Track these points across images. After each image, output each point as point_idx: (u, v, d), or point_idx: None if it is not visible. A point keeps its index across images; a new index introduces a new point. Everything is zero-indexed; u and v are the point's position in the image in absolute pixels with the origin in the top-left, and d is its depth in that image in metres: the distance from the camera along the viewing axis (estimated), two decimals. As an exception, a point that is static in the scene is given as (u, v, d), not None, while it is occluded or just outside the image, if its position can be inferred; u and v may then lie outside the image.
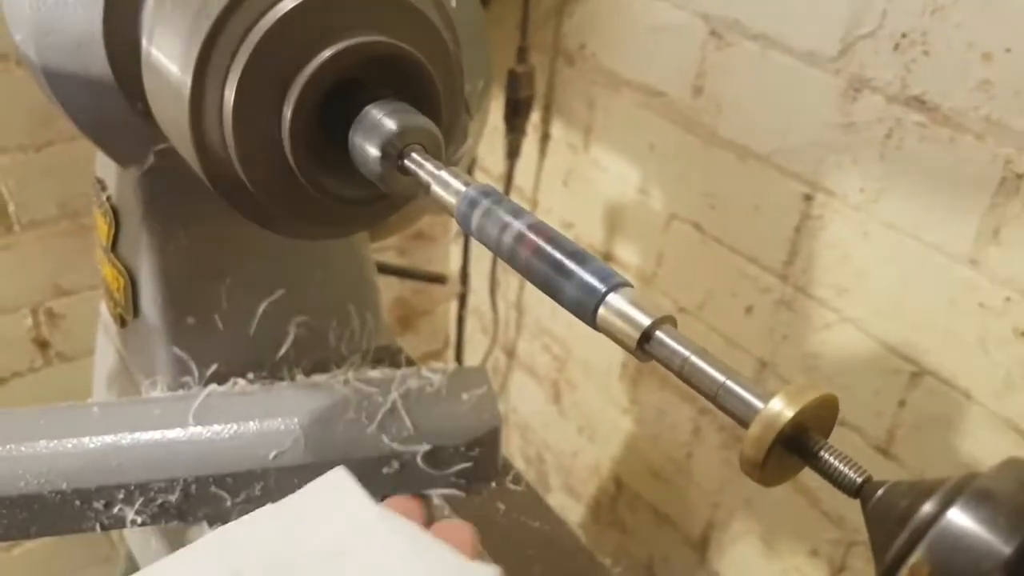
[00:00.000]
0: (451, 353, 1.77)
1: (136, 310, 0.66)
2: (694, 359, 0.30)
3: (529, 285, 0.37)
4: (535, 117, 1.30)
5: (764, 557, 1.15)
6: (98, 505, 0.58)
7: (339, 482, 0.38)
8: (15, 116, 1.11)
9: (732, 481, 1.18)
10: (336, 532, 0.35)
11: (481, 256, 1.52)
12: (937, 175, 0.83)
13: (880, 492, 0.27)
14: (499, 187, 1.29)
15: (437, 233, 1.65)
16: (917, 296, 0.88)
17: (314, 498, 0.38)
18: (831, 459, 0.28)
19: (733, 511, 1.19)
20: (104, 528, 0.58)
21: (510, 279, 1.51)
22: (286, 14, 0.45)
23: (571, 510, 1.51)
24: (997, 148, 0.77)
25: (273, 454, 0.59)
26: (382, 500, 0.55)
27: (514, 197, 1.33)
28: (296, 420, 0.60)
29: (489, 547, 0.87)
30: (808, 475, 0.29)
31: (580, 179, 1.29)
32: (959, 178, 0.81)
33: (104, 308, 0.75)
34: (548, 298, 0.36)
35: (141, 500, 0.58)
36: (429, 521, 0.37)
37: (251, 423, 0.60)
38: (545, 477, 1.59)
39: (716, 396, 0.29)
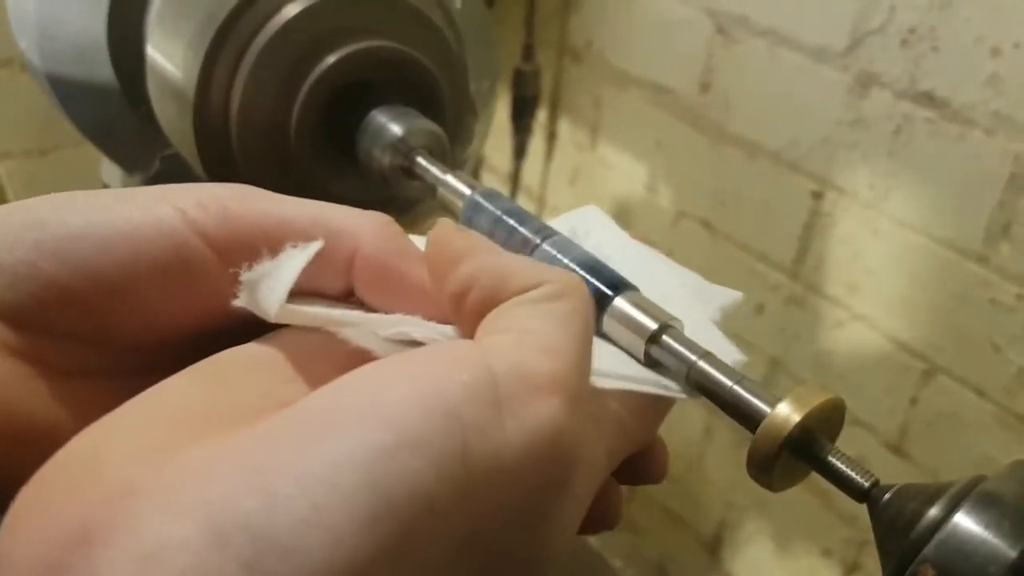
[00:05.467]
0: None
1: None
2: (701, 363, 0.30)
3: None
4: (542, 116, 1.30)
5: (777, 557, 1.15)
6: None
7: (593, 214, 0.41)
8: (21, 121, 1.12)
9: (744, 481, 1.17)
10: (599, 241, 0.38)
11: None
12: (947, 171, 0.82)
13: (887, 496, 0.27)
14: (506, 186, 1.28)
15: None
16: (928, 293, 0.88)
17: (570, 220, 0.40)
18: (839, 463, 0.27)
19: (745, 511, 1.19)
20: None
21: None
22: (290, 20, 0.45)
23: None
24: (1007, 143, 0.77)
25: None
26: None
27: (521, 196, 1.33)
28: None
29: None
30: (819, 476, 0.29)
31: (587, 177, 1.29)
32: (969, 174, 0.81)
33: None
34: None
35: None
36: None
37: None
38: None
39: (723, 401, 0.29)
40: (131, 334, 0.25)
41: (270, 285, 0.23)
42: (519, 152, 1.27)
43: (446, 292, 0.25)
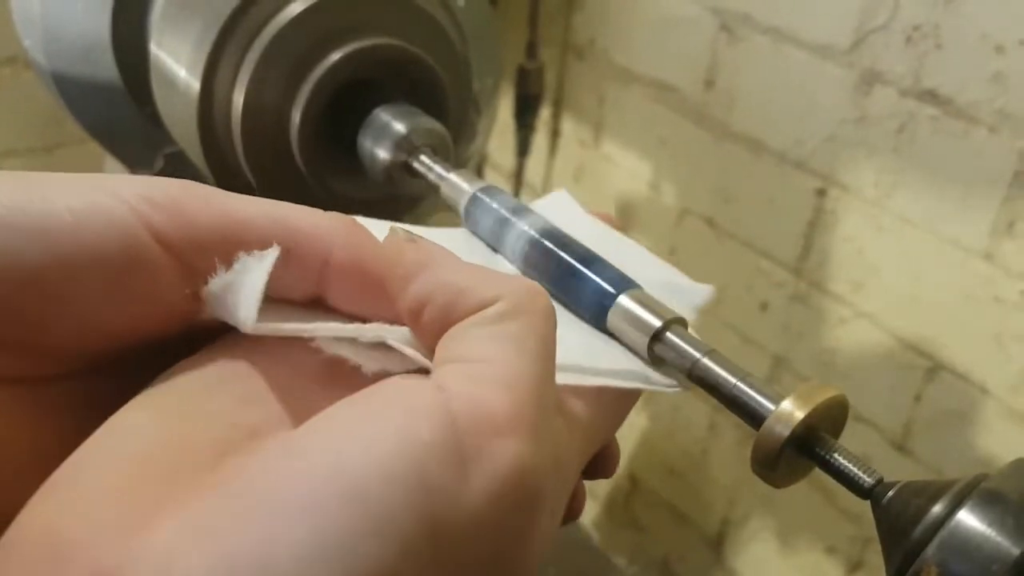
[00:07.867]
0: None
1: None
2: (705, 361, 0.30)
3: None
4: (545, 113, 1.30)
5: (781, 554, 1.15)
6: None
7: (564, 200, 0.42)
8: (25, 118, 1.12)
9: (748, 478, 1.17)
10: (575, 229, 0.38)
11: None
12: (951, 168, 0.82)
13: (891, 494, 0.27)
14: (510, 184, 1.28)
15: (449, 231, 1.65)
16: (932, 290, 0.87)
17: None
18: (842, 461, 0.27)
19: (749, 508, 1.19)
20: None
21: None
22: (294, 18, 0.45)
23: (585, 509, 1.51)
24: (1011, 141, 0.77)
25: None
26: None
27: (525, 194, 1.33)
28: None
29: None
30: (823, 473, 0.29)
31: (591, 175, 1.29)
32: (973, 171, 0.80)
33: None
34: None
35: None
36: None
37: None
38: (560, 474, 1.58)
39: (727, 398, 0.29)
40: (69, 341, 0.22)
41: (236, 299, 0.22)
42: (522, 150, 1.27)
43: (402, 309, 0.24)
